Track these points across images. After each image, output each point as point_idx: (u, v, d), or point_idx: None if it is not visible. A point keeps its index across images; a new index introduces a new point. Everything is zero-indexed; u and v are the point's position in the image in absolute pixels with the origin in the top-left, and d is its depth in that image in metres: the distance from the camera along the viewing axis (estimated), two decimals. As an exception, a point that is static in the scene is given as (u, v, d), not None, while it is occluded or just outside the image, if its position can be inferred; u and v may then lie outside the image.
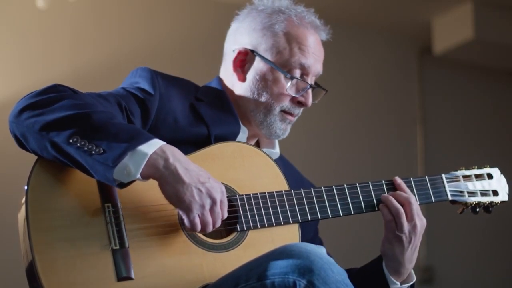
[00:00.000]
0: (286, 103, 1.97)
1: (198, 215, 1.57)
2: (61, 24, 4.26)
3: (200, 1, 4.70)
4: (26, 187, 1.56)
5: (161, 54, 4.47)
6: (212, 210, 1.58)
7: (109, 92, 1.79)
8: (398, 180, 1.92)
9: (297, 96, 1.97)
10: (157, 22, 4.57)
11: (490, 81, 5.63)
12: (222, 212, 1.61)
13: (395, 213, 1.84)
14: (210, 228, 1.59)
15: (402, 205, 1.85)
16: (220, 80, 2.06)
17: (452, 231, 5.30)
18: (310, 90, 1.99)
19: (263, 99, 1.97)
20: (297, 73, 1.96)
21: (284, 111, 1.98)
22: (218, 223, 1.61)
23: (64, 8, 4.26)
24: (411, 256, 1.88)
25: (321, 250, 1.56)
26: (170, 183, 1.54)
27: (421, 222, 1.86)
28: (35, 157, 1.61)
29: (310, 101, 1.99)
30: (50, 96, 1.59)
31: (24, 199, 1.56)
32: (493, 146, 5.56)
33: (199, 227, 1.58)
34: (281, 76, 1.95)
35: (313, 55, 1.98)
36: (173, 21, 4.61)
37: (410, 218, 1.84)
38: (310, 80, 2.00)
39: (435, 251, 5.24)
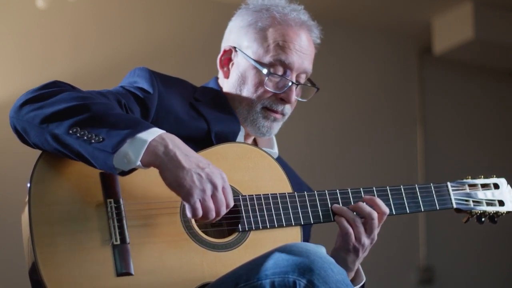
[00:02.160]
0: (267, 100, 1.96)
1: (200, 200, 1.54)
2: (61, 24, 4.26)
3: (200, 1, 4.70)
4: (29, 184, 1.56)
5: (161, 54, 4.47)
6: (214, 196, 1.56)
7: (108, 90, 1.79)
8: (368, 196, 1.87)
9: (278, 92, 1.95)
10: (157, 22, 4.57)
11: (490, 81, 5.63)
12: (227, 199, 1.58)
13: (351, 221, 1.81)
14: (212, 215, 1.55)
15: (365, 218, 1.82)
16: (217, 79, 2.08)
17: (452, 231, 5.30)
18: (293, 87, 1.96)
19: (244, 95, 1.98)
20: (279, 70, 1.95)
21: (266, 108, 1.97)
22: (223, 210, 1.57)
23: (64, 8, 4.26)
24: (359, 262, 1.88)
25: (321, 250, 1.55)
26: (170, 169, 1.53)
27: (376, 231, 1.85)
28: (36, 156, 1.61)
29: (292, 98, 1.97)
30: (50, 91, 1.60)
31: (27, 195, 1.56)
32: (493, 146, 5.56)
33: (200, 212, 1.54)
34: (260, 72, 1.95)
35: (296, 52, 1.95)
36: (173, 21, 4.61)
37: (371, 230, 1.82)
38: (296, 77, 1.98)
39: (435, 251, 5.24)
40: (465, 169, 2.91)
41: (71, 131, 1.52)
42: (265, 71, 1.94)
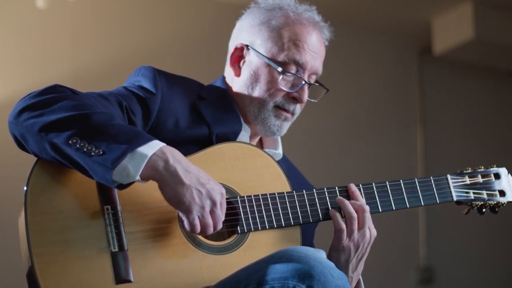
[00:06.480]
0: (279, 98, 1.95)
1: (198, 217, 1.56)
2: (61, 24, 4.26)
3: (200, 1, 4.69)
4: (25, 188, 1.55)
5: (161, 54, 4.47)
6: (212, 212, 1.58)
7: (110, 91, 1.79)
8: (353, 187, 1.87)
9: (291, 91, 1.95)
10: (158, 22, 4.57)
11: (490, 81, 5.63)
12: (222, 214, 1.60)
13: (348, 217, 1.80)
14: (210, 230, 1.58)
15: (356, 212, 1.81)
16: (224, 79, 2.07)
17: (452, 231, 5.30)
18: (306, 87, 1.96)
19: (256, 93, 1.96)
20: (292, 68, 1.94)
21: (278, 107, 1.96)
22: (219, 226, 1.60)
23: (64, 8, 4.26)
24: (356, 264, 1.84)
25: (320, 254, 1.54)
26: (170, 185, 1.53)
27: (371, 232, 1.82)
28: (35, 158, 1.60)
29: (305, 97, 1.97)
30: (50, 97, 1.59)
31: (23, 201, 1.55)
32: (493, 146, 5.56)
33: (198, 228, 1.57)
34: (274, 70, 1.94)
35: (309, 52, 1.95)
36: (173, 21, 4.60)
37: (361, 225, 1.80)
38: (308, 77, 1.97)
39: (435, 251, 5.24)
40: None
41: (70, 142, 1.51)
42: (280, 69, 1.93)
